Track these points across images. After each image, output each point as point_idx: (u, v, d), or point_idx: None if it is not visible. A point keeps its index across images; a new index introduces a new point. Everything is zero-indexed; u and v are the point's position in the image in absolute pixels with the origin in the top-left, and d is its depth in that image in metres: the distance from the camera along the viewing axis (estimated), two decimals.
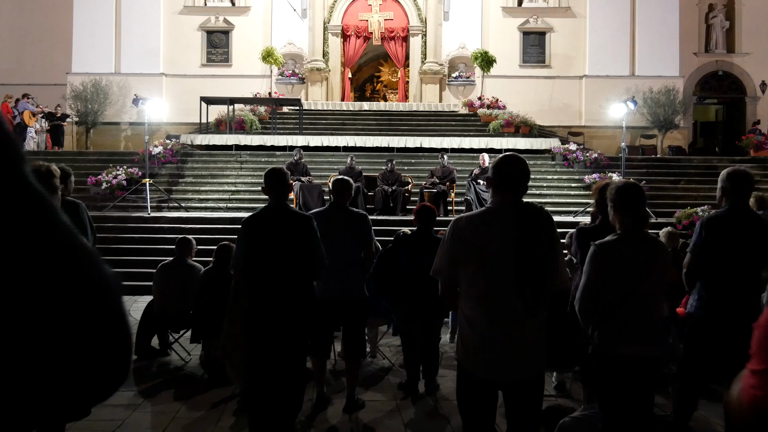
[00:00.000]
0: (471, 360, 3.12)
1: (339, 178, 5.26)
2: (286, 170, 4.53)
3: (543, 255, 3.04)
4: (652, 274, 3.21)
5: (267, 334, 4.23)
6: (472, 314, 3.12)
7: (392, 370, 6.36)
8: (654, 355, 3.23)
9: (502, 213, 3.12)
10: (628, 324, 3.20)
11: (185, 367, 6.42)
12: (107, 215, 13.55)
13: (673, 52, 22.63)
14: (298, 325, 4.28)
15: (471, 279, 3.11)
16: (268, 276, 4.26)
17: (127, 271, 11.13)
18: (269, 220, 4.39)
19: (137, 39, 22.45)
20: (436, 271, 3.23)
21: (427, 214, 5.61)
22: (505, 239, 3.05)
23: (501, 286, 3.04)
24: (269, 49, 21.98)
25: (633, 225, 3.26)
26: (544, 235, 3.08)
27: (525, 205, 3.12)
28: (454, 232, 3.15)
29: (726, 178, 4.07)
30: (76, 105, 21.11)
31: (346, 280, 5.02)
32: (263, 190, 4.46)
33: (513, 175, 3.17)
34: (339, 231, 5.02)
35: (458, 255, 3.12)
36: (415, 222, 5.68)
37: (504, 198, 3.16)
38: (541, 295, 3.03)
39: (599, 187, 4.42)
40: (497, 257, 3.05)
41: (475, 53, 22.09)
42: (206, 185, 15.77)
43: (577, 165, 16.44)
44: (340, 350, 5.57)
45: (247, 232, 4.41)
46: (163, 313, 6.60)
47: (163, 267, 6.81)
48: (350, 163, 14.50)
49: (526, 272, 3.01)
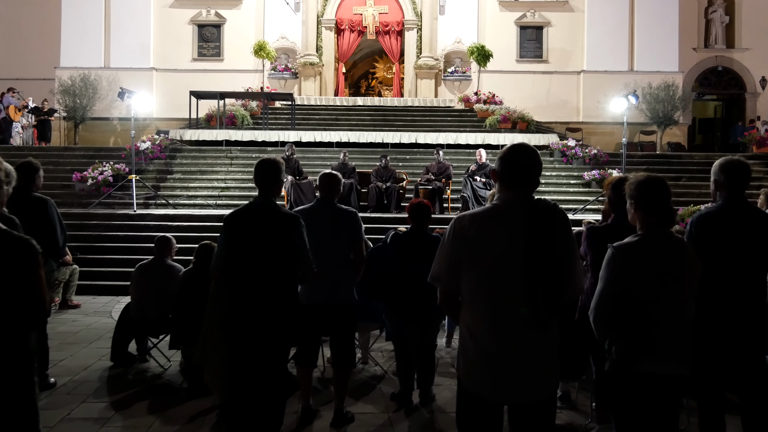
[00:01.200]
0: (473, 378, 2.73)
1: (326, 173, 4.85)
2: (280, 163, 4.11)
3: (557, 258, 2.65)
4: (678, 279, 2.81)
5: (245, 341, 3.83)
6: (475, 326, 2.73)
7: (385, 378, 5.94)
8: (681, 372, 2.84)
9: (510, 210, 2.72)
10: (652, 337, 2.80)
11: (164, 375, 6.00)
12: (92, 212, 13.12)
13: (673, 47, 22.34)
14: (280, 332, 3.88)
15: (474, 286, 2.72)
16: (247, 279, 3.87)
17: (110, 271, 10.73)
18: (252, 217, 3.99)
19: (127, 33, 22.15)
20: (434, 276, 2.83)
21: (422, 212, 5.19)
22: (514, 240, 2.66)
23: (508, 294, 2.65)
24: (261, 42, 21.58)
25: (657, 224, 2.86)
26: (559, 236, 2.69)
27: (536, 202, 2.73)
28: (455, 232, 2.75)
29: (719, 170, 3.62)
30: (65, 100, 20.72)
31: (334, 283, 4.61)
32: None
33: (523, 167, 2.77)
34: (327, 230, 4.61)
35: (460, 258, 2.72)
36: (408, 220, 5.26)
37: (513, 193, 2.76)
38: (555, 305, 2.64)
39: (612, 183, 4.02)
40: (504, 261, 2.66)
41: (472, 47, 21.74)
42: (195, 181, 15.35)
43: (576, 161, 16.11)
44: (329, 356, 5.16)
45: (228, 230, 4.01)
46: (140, 317, 6.18)
47: (141, 268, 6.39)
48: (343, 158, 14.09)
49: (538, 278, 2.62)
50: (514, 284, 2.64)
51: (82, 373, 6.02)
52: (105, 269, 10.82)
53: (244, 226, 3.97)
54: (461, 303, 2.80)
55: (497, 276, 2.67)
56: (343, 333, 4.75)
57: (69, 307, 9.33)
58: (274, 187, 4.09)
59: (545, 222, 2.67)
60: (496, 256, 2.67)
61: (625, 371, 2.84)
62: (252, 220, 3.98)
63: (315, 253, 4.47)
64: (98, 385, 5.69)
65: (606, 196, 4.07)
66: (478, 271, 2.69)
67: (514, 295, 2.64)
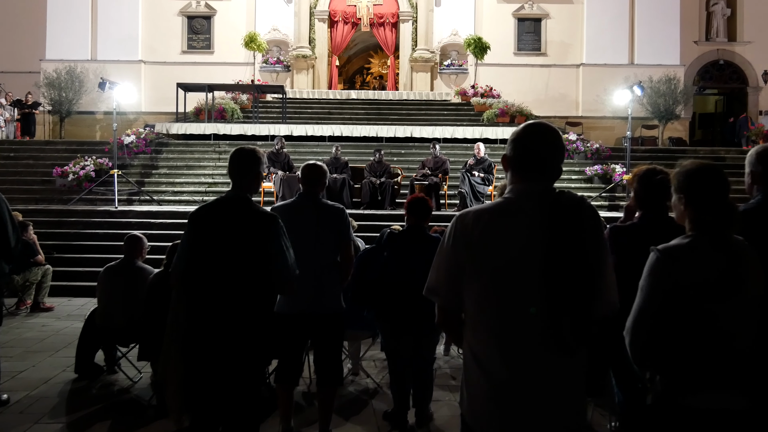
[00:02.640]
0: (479, 415, 2.17)
1: (309, 164, 4.26)
2: (259, 153, 3.53)
3: (586, 265, 2.09)
4: (739, 292, 2.24)
5: (206, 360, 3.25)
6: (481, 351, 2.17)
7: (378, 393, 5.36)
8: (744, 406, 2.27)
9: (525, 206, 2.16)
10: (707, 363, 2.23)
11: (132, 390, 5.42)
12: (71, 209, 12.52)
13: (674, 39, 21.83)
14: (249, 348, 3.29)
15: (480, 300, 2.16)
16: (210, 286, 3.28)
17: (88, 271, 10.11)
18: (221, 214, 3.40)
19: (114, 24, 21.55)
20: (431, 288, 2.26)
21: (422, 207, 4.58)
22: (531, 243, 2.10)
23: (525, 312, 2.09)
24: (252, 34, 20.96)
25: (713, 224, 2.29)
26: (588, 237, 2.12)
27: (558, 195, 2.17)
28: (456, 233, 2.19)
29: (757, 160, 3.05)
30: (49, 93, 20.04)
31: (318, 290, 4.04)
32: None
33: (543, 152, 2.21)
34: (309, 229, 4.03)
35: (462, 266, 2.16)
36: (406, 217, 4.64)
37: (528, 184, 2.20)
38: (584, 325, 2.08)
39: (640, 174, 3.43)
40: (518, 269, 2.10)
41: (468, 39, 21.17)
42: (181, 177, 14.74)
43: (578, 156, 15.59)
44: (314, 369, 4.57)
45: (192, 228, 3.43)
46: (107, 324, 5.59)
47: (108, 269, 5.80)
48: (335, 153, 13.48)
49: (561, 291, 2.06)
50: (530, 298, 2.08)
51: (41, 387, 5.43)
52: (82, 269, 10.22)
53: (211, 223, 3.39)
54: (464, 322, 2.24)
55: (509, 288, 2.10)
56: (328, 346, 4.17)
57: (41, 310, 8.75)
58: (251, 181, 3.49)
59: (570, 219, 2.11)
60: (507, 262, 2.11)
61: (673, 405, 2.27)
62: (221, 217, 3.39)
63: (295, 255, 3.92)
64: (57, 401, 5.10)
65: (632, 190, 3.49)
66: (485, 281, 2.13)
67: (530, 311, 2.08)
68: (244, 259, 3.27)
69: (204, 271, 3.29)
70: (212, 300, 3.25)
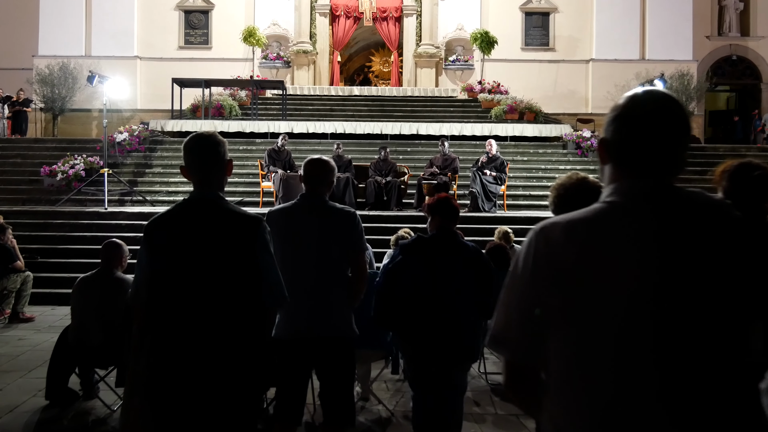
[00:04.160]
0: None
1: (313, 159, 3.55)
2: (220, 139, 2.79)
3: (729, 303, 1.40)
4: None
5: (177, 410, 2.52)
6: (573, 428, 1.46)
7: (391, 423, 4.66)
8: None
9: (637, 214, 1.46)
10: None
11: (110, 419, 4.72)
12: (58, 210, 11.82)
13: (686, 34, 21.20)
14: (234, 388, 2.56)
15: (575, 356, 1.44)
16: (181, 318, 2.53)
17: (74, 277, 9.31)
18: (187, 222, 2.63)
19: (109, 19, 20.98)
20: (497, 338, 1.53)
21: (449, 210, 3.77)
22: (646, 270, 1.40)
23: (639, 373, 1.39)
24: (250, 28, 20.28)
25: None
26: (734, 261, 1.43)
27: (688, 195, 1.47)
28: (539, 255, 1.47)
29: None
30: (42, 90, 19.36)
31: (323, 310, 3.33)
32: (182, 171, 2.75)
33: (661, 135, 1.50)
34: (311, 235, 3.33)
35: (548, 306, 1.45)
36: (430, 220, 3.86)
37: (639, 182, 1.49)
38: (724, 393, 1.39)
39: (730, 171, 2.72)
40: (631, 309, 1.40)
41: (475, 34, 20.47)
42: (176, 176, 14.00)
43: (592, 154, 14.88)
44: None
45: (150, 244, 2.65)
46: (81, 344, 4.89)
47: (82, 282, 5.09)
48: (337, 150, 12.74)
49: (690, 342, 1.37)
50: (646, 353, 1.39)
51: (5, 417, 4.72)
52: (68, 275, 9.46)
53: (175, 236, 2.61)
54: (545, 384, 1.53)
55: (619, 338, 1.40)
56: (336, 377, 3.44)
57: (20, 321, 8.06)
58: (219, 172, 2.71)
59: (705, 232, 1.42)
60: (616, 298, 1.41)
61: None
62: (187, 227, 2.62)
63: (297, 269, 3.23)
64: None
65: (720, 189, 2.78)
66: (585, 327, 1.42)
67: (647, 373, 1.39)
68: (223, 275, 2.54)
69: (172, 295, 2.55)
70: (185, 336, 2.51)
